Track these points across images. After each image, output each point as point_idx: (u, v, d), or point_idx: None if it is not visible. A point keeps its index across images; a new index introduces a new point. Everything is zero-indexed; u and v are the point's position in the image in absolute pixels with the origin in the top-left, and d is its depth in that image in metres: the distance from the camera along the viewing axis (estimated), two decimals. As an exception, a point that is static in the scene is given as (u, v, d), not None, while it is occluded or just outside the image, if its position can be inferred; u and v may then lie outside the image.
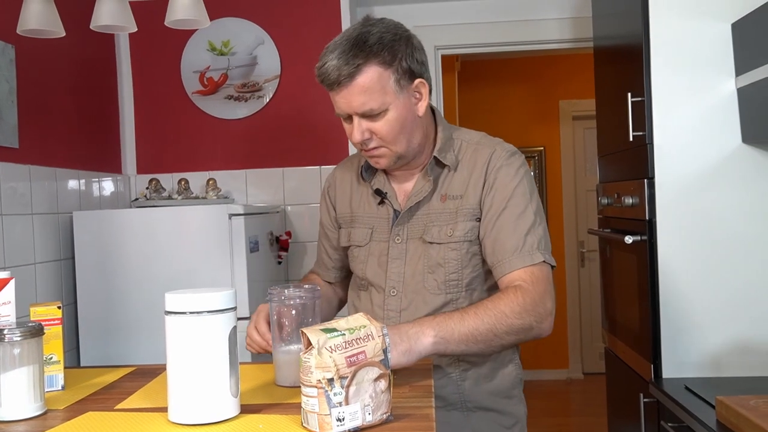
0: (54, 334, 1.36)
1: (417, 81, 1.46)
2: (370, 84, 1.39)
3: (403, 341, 1.25)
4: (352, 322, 1.09)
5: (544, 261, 1.44)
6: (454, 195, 1.51)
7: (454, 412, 1.53)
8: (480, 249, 1.50)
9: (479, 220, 1.49)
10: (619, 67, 2.44)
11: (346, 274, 1.74)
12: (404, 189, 1.57)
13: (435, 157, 1.52)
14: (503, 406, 1.57)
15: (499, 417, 1.56)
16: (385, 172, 1.58)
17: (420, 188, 1.53)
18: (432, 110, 1.58)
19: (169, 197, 2.89)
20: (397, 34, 1.43)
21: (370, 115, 1.42)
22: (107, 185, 2.89)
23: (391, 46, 1.41)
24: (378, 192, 1.57)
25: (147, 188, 2.91)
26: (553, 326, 1.43)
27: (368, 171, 1.60)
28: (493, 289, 1.52)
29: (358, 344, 1.04)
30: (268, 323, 1.42)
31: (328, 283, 1.76)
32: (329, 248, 1.73)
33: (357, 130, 1.43)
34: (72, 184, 2.58)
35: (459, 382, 1.53)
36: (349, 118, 1.45)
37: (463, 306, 1.47)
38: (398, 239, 1.54)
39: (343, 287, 1.77)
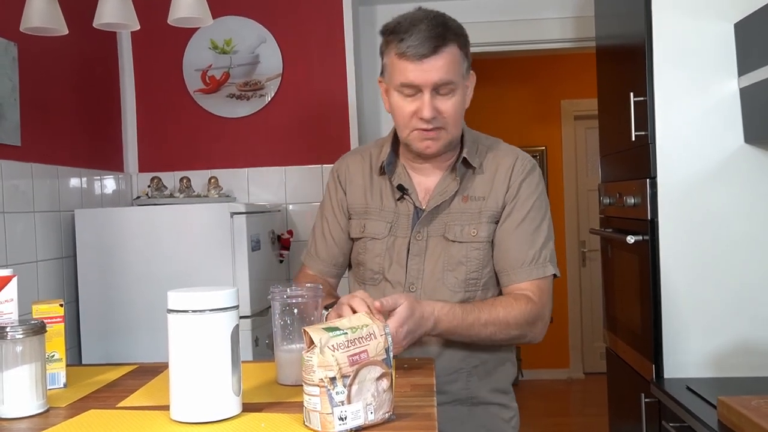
0: (56, 332, 1.36)
1: (471, 73, 1.54)
2: (452, 60, 1.46)
3: (416, 336, 1.37)
4: (355, 321, 1.09)
5: (552, 274, 1.55)
6: (476, 196, 1.56)
7: (460, 407, 1.55)
8: None
9: (498, 222, 1.55)
10: (622, 66, 2.44)
11: (347, 268, 1.72)
12: (424, 186, 1.59)
13: (464, 158, 1.55)
14: (503, 400, 1.61)
15: (500, 410, 1.60)
16: (405, 168, 1.60)
17: (445, 187, 1.56)
18: None
19: (171, 195, 2.89)
20: (464, 29, 1.52)
21: (443, 92, 1.46)
22: (109, 183, 2.89)
23: (464, 35, 1.50)
24: (400, 188, 1.58)
25: (149, 186, 2.91)
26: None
27: (390, 165, 1.60)
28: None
29: (360, 343, 1.04)
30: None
31: (332, 282, 1.70)
32: (338, 239, 1.66)
33: (428, 105, 1.45)
34: (74, 182, 2.58)
35: (468, 378, 1.55)
36: (416, 93, 1.46)
37: None
38: (419, 236, 1.55)
39: (338, 284, 1.73)
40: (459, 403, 1.55)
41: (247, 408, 1.15)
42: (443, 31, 1.45)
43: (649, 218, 2.11)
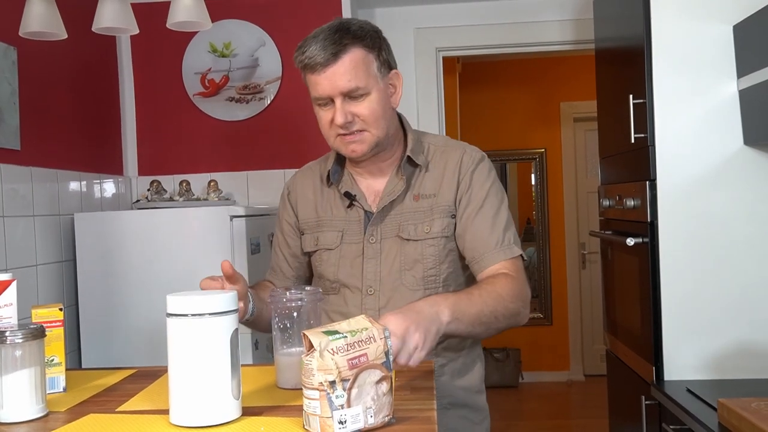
0: (55, 336, 1.36)
1: (392, 72, 1.54)
2: (355, 63, 1.45)
3: (429, 325, 1.23)
4: (354, 324, 1.09)
5: (520, 255, 1.54)
6: (427, 194, 1.56)
7: None
8: (455, 245, 1.56)
9: (454, 217, 1.55)
10: (621, 68, 2.44)
11: (303, 283, 1.73)
12: (373, 189, 1.60)
13: (408, 156, 1.56)
14: (474, 401, 1.61)
15: (470, 413, 1.60)
16: (352, 176, 1.60)
17: (393, 187, 1.57)
18: (398, 113, 1.62)
19: (171, 199, 2.89)
20: (374, 28, 1.52)
21: (354, 96, 1.46)
22: (108, 187, 2.89)
23: (371, 35, 1.50)
24: (347, 195, 1.58)
25: (148, 190, 2.91)
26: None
27: (335, 174, 1.61)
28: (468, 283, 1.59)
29: (360, 347, 1.04)
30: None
31: None
32: (289, 256, 1.70)
33: (340, 112, 1.45)
34: (73, 185, 2.58)
35: (436, 378, 1.54)
36: (329, 102, 1.47)
37: None
38: (372, 239, 1.56)
39: None
40: None
41: (247, 412, 1.15)
42: (340, 37, 1.44)
43: (648, 220, 2.11)
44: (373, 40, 1.49)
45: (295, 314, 1.32)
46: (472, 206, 1.54)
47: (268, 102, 3.04)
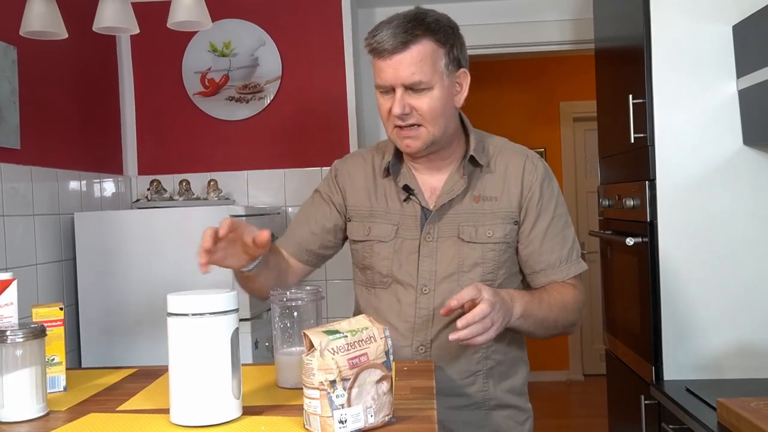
0: (56, 336, 1.36)
1: (461, 71, 1.51)
2: (423, 56, 1.42)
3: (505, 314, 1.37)
4: (354, 323, 1.09)
5: None
6: (488, 196, 1.54)
7: (476, 411, 1.55)
8: (514, 252, 1.57)
9: (516, 223, 1.55)
10: (620, 68, 2.44)
11: (315, 263, 1.67)
12: (430, 185, 1.57)
13: (472, 155, 1.53)
14: (518, 402, 1.62)
15: (514, 413, 1.61)
16: (410, 169, 1.58)
17: (452, 186, 1.54)
18: (459, 112, 1.59)
19: (170, 198, 2.89)
20: (450, 23, 1.50)
21: (415, 89, 1.43)
22: (108, 186, 2.89)
23: (446, 30, 1.47)
24: (406, 188, 1.56)
25: (148, 189, 2.91)
26: None
27: (395, 166, 1.58)
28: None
29: (360, 346, 1.04)
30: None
31: (295, 261, 1.65)
32: (318, 229, 1.63)
33: (398, 102, 1.43)
34: (73, 185, 2.58)
35: (485, 380, 1.56)
36: (390, 91, 1.45)
37: None
38: (429, 237, 1.53)
39: (300, 275, 1.67)
40: (476, 407, 1.55)
41: (247, 411, 1.15)
42: (413, 26, 1.42)
43: (648, 220, 2.12)
44: (446, 35, 1.46)
45: (295, 314, 1.32)
46: (543, 220, 1.55)
47: (268, 101, 3.04)
